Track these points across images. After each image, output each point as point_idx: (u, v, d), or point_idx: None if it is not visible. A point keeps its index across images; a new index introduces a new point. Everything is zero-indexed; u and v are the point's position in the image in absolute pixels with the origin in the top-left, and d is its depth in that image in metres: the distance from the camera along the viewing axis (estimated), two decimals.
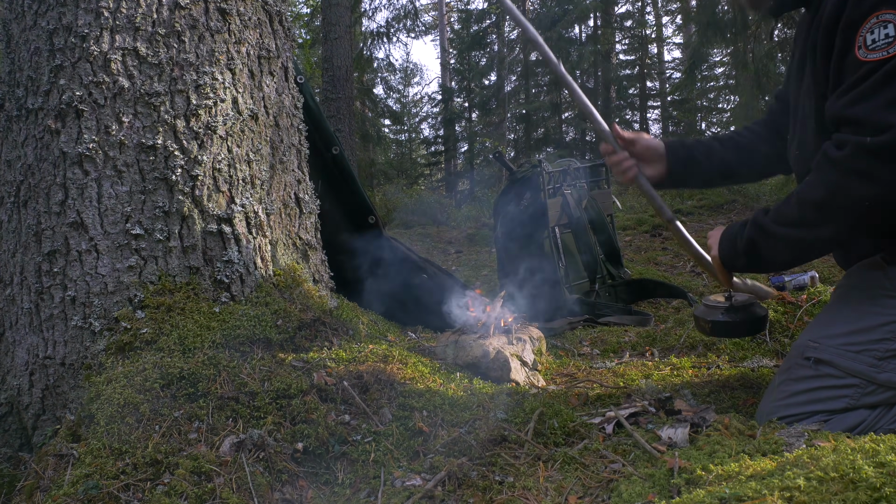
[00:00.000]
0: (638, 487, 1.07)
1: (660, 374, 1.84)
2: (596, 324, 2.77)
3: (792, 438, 1.13)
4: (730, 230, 1.43)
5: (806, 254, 1.33)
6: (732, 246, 1.41)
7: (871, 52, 1.13)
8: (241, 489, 1.19)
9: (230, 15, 1.76)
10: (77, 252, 1.58)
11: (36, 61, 1.64)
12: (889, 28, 1.11)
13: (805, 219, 1.25)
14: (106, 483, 1.17)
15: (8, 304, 1.69)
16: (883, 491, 0.78)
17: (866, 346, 1.22)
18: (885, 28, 1.12)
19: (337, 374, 1.53)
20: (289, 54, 2.03)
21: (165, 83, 1.64)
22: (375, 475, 1.27)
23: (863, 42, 1.14)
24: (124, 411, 1.32)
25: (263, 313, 1.63)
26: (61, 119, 1.60)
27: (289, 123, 1.98)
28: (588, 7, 14.29)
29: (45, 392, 1.59)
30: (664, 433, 1.28)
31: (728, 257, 1.43)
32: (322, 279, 2.05)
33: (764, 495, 0.85)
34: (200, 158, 1.66)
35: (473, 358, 1.82)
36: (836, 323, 1.30)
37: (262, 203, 1.80)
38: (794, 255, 1.33)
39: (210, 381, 1.41)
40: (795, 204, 1.26)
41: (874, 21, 1.13)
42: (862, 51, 1.15)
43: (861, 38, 1.15)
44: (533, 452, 1.29)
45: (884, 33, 1.12)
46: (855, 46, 1.16)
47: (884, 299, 1.24)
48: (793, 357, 1.32)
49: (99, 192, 1.59)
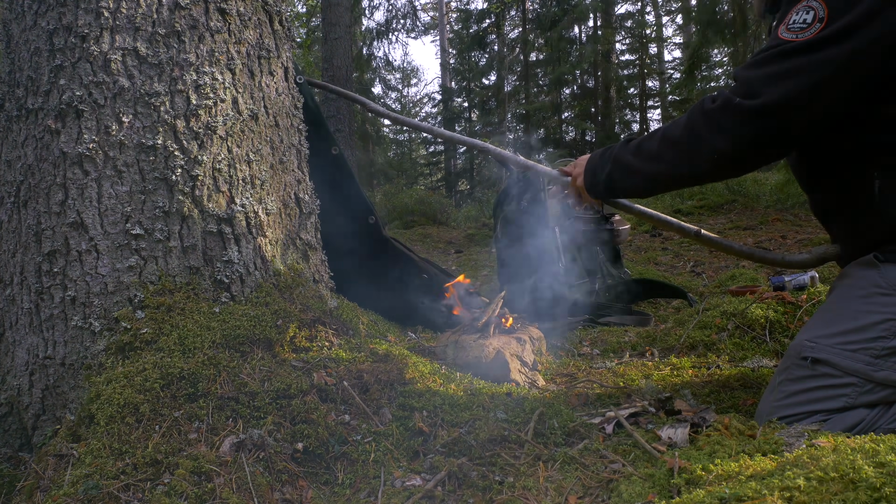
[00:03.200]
0: (638, 487, 1.07)
1: (660, 374, 1.84)
2: (596, 324, 2.77)
3: (792, 438, 1.13)
4: (592, 160, 1.56)
5: (658, 187, 1.44)
6: (593, 174, 1.55)
7: (788, 31, 1.20)
8: (241, 489, 1.19)
9: (230, 15, 1.76)
10: (77, 252, 1.58)
11: (36, 61, 1.64)
12: (809, 15, 1.17)
13: (661, 155, 1.36)
14: (106, 483, 1.17)
15: (8, 304, 1.69)
16: (883, 491, 0.78)
17: (863, 345, 1.22)
18: (807, 14, 1.18)
19: (337, 374, 1.53)
20: (289, 54, 2.03)
21: (165, 83, 1.64)
22: (375, 475, 1.28)
23: (788, 20, 1.21)
24: (124, 411, 1.32)
25: (263, 313, 1.63)
26: (61, 119, 1.60)
27: (289, 123, 1.98)
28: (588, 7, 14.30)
29: (45, 392, 1.59)
30: (664, 433, 1.28)
31: (590, 185, 1.57)
32: (322, 279, 2.05)
33: (764, 495, 0.85)
34: (200, 158, 1.66)
35: (473, 358, 1.82)
36: (833, 322, 1.30)
37: (262, 203, 1.80)
38: (646, 186, 1.44)
39: (210, 381, 1.41)
40: (658, 140, 1.37)
41: (803, 4, 1.19)
42: (783, 28, 1.21)
43: (789, 17, 1.21)
44: (533, 452, 1.29)
45: (802, 18, 1.18)
46: (783, 23, 1.22)
47: (879, 297, 1.24)
48: (790, 357, 1.32)
49: (99, 192, 1.59)
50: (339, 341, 1.72)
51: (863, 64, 1.14)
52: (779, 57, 1.19)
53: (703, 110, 1.28)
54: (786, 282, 2.35)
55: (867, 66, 1.14)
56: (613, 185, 1.49)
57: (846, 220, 1.36)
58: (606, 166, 1.49)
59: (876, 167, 1.24)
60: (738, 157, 1.25)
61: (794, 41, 1.17)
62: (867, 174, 1.25)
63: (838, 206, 1.37)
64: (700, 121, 1.28)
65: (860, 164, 1.27)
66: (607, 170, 1.49)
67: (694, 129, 1.29)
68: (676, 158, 1.34)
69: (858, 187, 1.28)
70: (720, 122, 1.24)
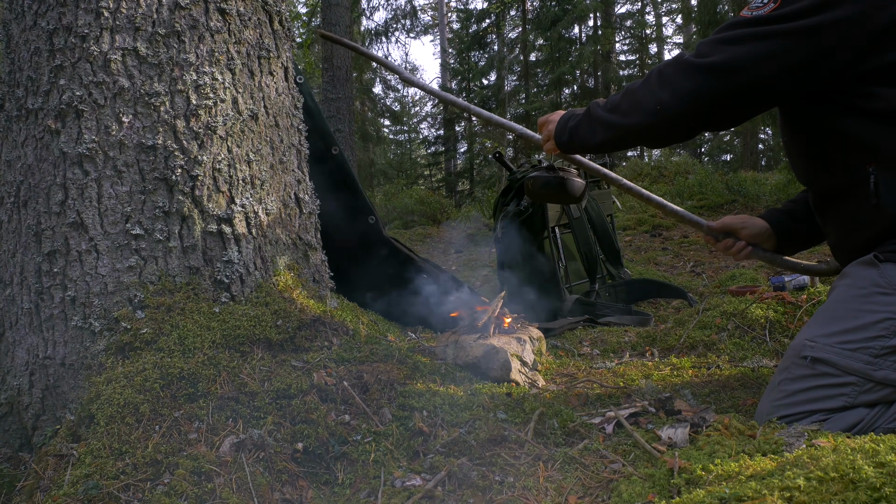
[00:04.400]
0: (638, 487, 1.07)
1: (660, 374, 1.84)
2: (596, 324, 2.77)
3: (792, 438, 1.13)
4: (568, 112, 1.61)
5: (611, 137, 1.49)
6: (564, 124, 1.60)
7: (748, 9, 1.28)
8: (241, 489, 1.19)
9: (230, 15, 1.76)
10: (77, 252, 1.58)
11: (36, 61, 1.64)
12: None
13: (620, 106, 1.44)
14: (106, 483, 1.17)
15: (8, 304, 1.69)
16: (883, 491, 0.78)
17: (862, 344, 1.22)
18: None
19: (337, 374, 1.53)
20: (289, 54, 2.03)
21: (165, 83, 1.64)
22: (375, 475, 1.27)
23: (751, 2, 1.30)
24: (124, 411, 1.32)
25: (263, 313, 1.63)
26: (61, 119, 1.60)
27: (289, 123, 1.98)
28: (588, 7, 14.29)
29: (45, 392, 1.59)
30: (664, 433, 1.28)
31: (558, 133, 1.62)
32: (322, 279, 2.05)
33: (764, 495, 0.85)
34: (200, 158, 1.66)
35: (473, 358, 1.82)
36: (832, 321, 1.30)
37: (262, 203, 1.80)
38: (604, 137, 1.49)
39: (210, 381, 1.41)
40: (622, 92, 1.46)
41: None
42: (745, 8, 1.30)
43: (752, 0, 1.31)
44: (533, 452, 1.29)
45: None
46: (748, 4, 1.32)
47: (878, 296, 1.24)
48: (790, 356, 1.32)
49: (99, 192, 1.59)
50: (339, 341, 1.72)
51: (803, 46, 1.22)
52: (731, 26, 1.28)
53: (660, 67, 1.39)
54: (786, 282, 2.35)
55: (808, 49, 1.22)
56: (576, 132, 1.56)
57: (842, 215, 1.37)
58: (580, 116, 1.55)
59: (871, 163, 1.24)
60: (676, 109, 1.33)
61: (748, 16, 1.27)
62: (863, 170, 1.26)
63: (834, 202, 1.37)
64: (653, 74, 1.38)
65: (855, 159, 1.27)
66: (578, 118, 1.55)
67: (647, 80, 1.39)
68: (629, 108, 1.41)
69: (854, 183, 1.29)
70: (668, 76, 1.33)
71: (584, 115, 1.54)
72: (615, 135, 1.47)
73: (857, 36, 1.20)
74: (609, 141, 1.50)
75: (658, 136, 1.44)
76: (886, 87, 1.21)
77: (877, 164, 1.24)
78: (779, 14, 1.23)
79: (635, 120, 1.41)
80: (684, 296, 3.10)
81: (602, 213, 3.35)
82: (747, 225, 1.65)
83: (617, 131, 1.46)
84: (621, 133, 1.46)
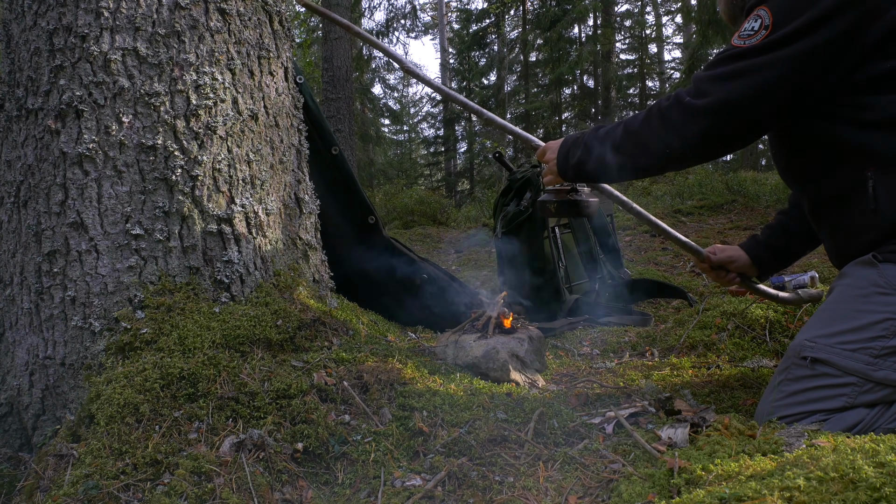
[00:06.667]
0: (638, 487, 1.07)
1: (660, 374, 1.84)
2: (596, 324, 2.77)
3: (792, 438, 1.13)
4: (566, 144, 1.60)
5: (622, 174, 1.48)
6: (566, 159, 1.59)
7: (738, 38, 1.27)
8: (241, 489, 1.19)
9: (230, 15, 1.76)
10: (77, 252, 1.58)
11: (36, 61, 1.64)
12: (756, 23, 1.25)
13: (623, 146, 1.43)
14: (106, 483, 1.17)
15: (8, 304, 1.69)
16: (883, 491, 0.78)
17: (862, 345, 1.22)
18: (756, 21, 1.25)
19: (337, 374, 1.53)
20: (289, 54, 2.03)
21: (165, 83, 1.64)
22: (375, 475, 1.27)
23: (741, 29, 1.28)
24: (124, 411, 1.32)
25: (263, 313, 1.63)
26: (61, 119, 1.60)
27: (289, 123, 1.98)
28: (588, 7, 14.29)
29: (45, 392, 1.59)
30: (664, 433, 1.28)
31: (562, 169, 1.61)
32: (322, 279, 2.05)
33: (764, 495, 0.85)
34: (200, 158, 1.66)
35: (473, 358, 1.82)
36: (832, 322, 1.30)
37: (262, 203, 1.80)
38: (611, 173, 1.49)
39: (210, 381, 1.41)
40: (621, 130, 1.44)
41: (754, 13, 1.27)
42: (735, 36, 1.29)
43: (742, 26, 1.29)
44: (533, 452, 1.29)
45: (752, 25, 1.26)
46: (737, 32, 1.30)
47: (878, 297, 1.24)
48: (790, 357, 1.32)
49: (99, 192, 1.59)
50: (339, 341, 1.72)
51: (802, 70, 1.21)
52: (726, 60, 1.27)
53: (659, 107, 1.37)
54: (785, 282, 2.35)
55: (807, 71, 1.21)
56: (582, 169, 1.56)
57: (840, 222, 1.36)
58: (578, 151, 1.55)
59: (869, 167, 1.24)
60: (687, 152, 1.34)
61: (741, 46, 1.25)
62: (860, 175, 1.25)
63: (831, 209, 1.37)
64: (655, 117, 1.37)
65: (852, 165, 1.27)
66: (578, 155, 1.55)
67: (650, 124, 1.38)
68: (636, 150, 1.41)
69: (852, 189, 1.28)
70: (672, 120, 1.33)
71: (583, 153, 1.53)
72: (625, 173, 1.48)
73: (853, 49, 1.19)
74: (619, 178, 1.52)
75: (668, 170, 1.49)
76: (881, 96, 1.21)
77: (875, 170, 1.23)
78: (772, 41, 1.21)
79: (644, 162, 1.41)
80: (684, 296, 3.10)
81: (602, 213, 3.35)
82: (734, 258, 1.77)
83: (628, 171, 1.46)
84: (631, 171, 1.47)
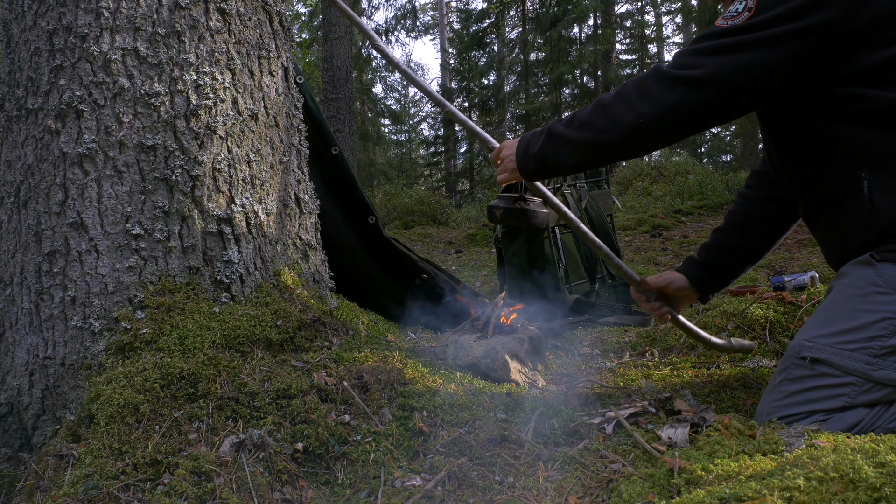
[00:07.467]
0: (638, 487, 1.07)
1: (660, 374, 1.84)
2: (596, 324, 2.77)
3: (792, 438, 1.13)
4: (526, 136, 1.54)
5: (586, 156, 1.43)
6: (526, 149, 1.51)
7: (723, 19, 1.28)
8: (241, 489, 1.19)
9: (230, 15, 1.76)
10: (77, 252, 1.58)
11: (36, 61, 1.64)
12: (741, 5, 1.26)
13: (591, 122, 1.38)
14: (106, 483, 1.17)
15: (8, 304, 1.69)
16: (883, 491, 0.78)
17: (861, 344, 1.22)
18: (740, 4, 1.26)
19: (337, 374, 1.53)
20: (289, 54, 2.03)
21: (165, 83, 1.64)
22: (375, 475, 1.28)
23: (726, 11, 1.29)
24: (124, 411, 1.32)
25: (263, 313, 1.63)
26: (61, 119, 1.60)
27: (289, 123, 1.98)
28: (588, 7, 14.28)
29: (45, 392, 1.59)
30: (664, 433, 1.28)
31: (522, 160, 1.53)
32: (322, 279, 2.05)
33: (764, 495, 0.85)
34: (200, 158, 1.66)
35: (473, 358, 1.82)
36: (831, 322, 1.30)
37: (262, 203, 1.80)
38: (580, 158, 1.43)
39: (210, 381, 1.41)
40: (590, 108, 1.40)
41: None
42: (721, 17, 1.30)
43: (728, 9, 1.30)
44: (533, 452, 1.29)
45: (736, 8, 1.27)
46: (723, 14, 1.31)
47: (876, 296, 1.24)
48: (789, 357, 1.32)
49: (99, 192, 1.59)
50: (339, 341, 1.73)
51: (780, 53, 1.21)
52: (707, 37, 1.29)
53: (635, 80, 1.36)
54: (786, 282, 2.35)
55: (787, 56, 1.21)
56: (544, 157, 1.48)
57: (836, 223, 1.35)
58: (540, 139, 1.49)
59: (863, 167, 1.23)
60: (660, 121, 1.31)
61: (724, 26, 1.27)
62: (855, 175, 1.25)
63: (827, 210, 1.36)
64: (630, 88, 1.35)
65: (847, 164, 1.26)
66: (540, 142, 1.48)
67: (624, 95, 1.36)
68: (605, 124, 1.37)
69: (847, 190, 1.27)
70: (649, 89, 1.31)
71: (546, 139, 1.47)
72: (591, 153, 1.42)
73: (840, 38, 1.19)
74: (584, 161, 1.46)
75: (636, 149, 1.42)
76: (873, 89, 1.20)
77: (869, 169, 1.23)
78: (753, 23, 1.22)
79: (614, 135, 1.36)
80: None
81: (602, 213, 3.35)
82: (671, 280, 1.71)
83: (594, 149, 1.41)
84: (598, 150, 1.41)
